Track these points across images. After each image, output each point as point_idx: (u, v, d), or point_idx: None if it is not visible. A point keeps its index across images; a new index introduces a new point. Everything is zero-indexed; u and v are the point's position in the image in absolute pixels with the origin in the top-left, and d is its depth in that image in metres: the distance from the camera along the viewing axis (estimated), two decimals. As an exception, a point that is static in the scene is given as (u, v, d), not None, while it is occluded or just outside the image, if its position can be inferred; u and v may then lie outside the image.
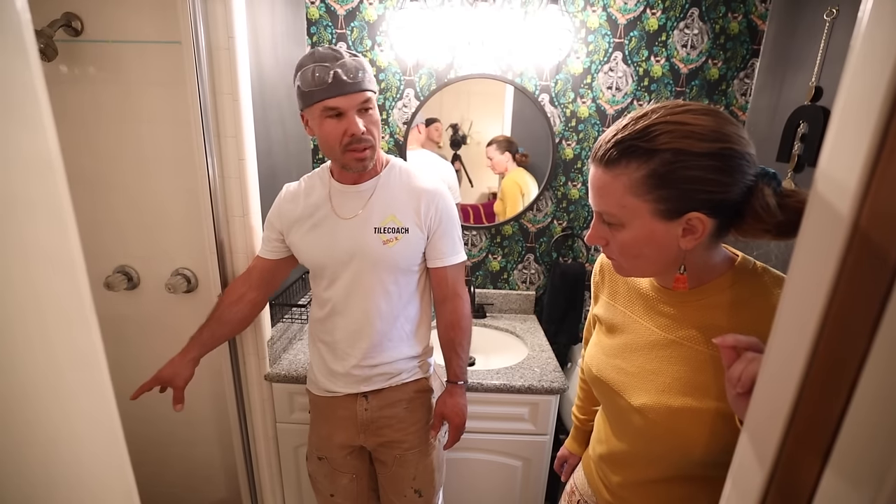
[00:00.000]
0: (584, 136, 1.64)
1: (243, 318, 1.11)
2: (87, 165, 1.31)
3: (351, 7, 1.55)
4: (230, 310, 1.08)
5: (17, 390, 0.23)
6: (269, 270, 1.11)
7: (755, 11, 1.51)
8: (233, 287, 1.11)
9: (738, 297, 0.60)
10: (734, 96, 1.58)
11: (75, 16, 1.21)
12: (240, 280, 1.12)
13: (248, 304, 1.10)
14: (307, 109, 0.92)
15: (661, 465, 0.66)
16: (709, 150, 0.52)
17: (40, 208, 0.24)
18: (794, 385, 0.29)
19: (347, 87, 0.87)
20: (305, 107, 0.92)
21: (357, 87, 0.88)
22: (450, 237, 1.03)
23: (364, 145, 0.92)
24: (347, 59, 0.88)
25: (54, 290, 0.25)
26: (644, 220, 0.57)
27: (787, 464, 0.30)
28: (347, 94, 0.88)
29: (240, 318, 1.10)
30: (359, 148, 0.92)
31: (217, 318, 1.07)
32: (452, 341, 1.07)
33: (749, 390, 0.44)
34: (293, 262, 1.11)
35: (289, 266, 1.12)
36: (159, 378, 1.00)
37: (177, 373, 1.01)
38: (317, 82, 0.87)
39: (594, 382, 0.74)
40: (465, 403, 1.08)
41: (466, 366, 1.10)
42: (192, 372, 1.03)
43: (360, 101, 0.90)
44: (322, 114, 0.90)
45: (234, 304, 1.09)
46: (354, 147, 0.92)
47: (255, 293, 1.11)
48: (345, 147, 0.92)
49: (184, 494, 1.63)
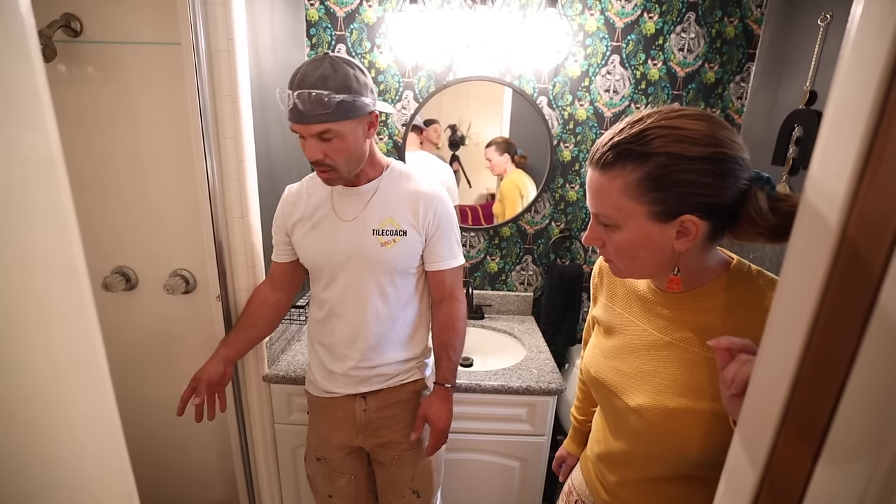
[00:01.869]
0: (581, 138, 1.65)
1: (270, 321, 1.14)
2: (86, 166, 1.30)
3: (350, 9, 1.55)
4: (256, 312, 1.12)
5: (18, 392, 0.24)
6: (287, 273, 1.12)
7: (751, 16, 1.52)
8: (257, 291, 1.15)
9: (733, 299, 0.60)
10: (730, 100, 1.59)
11: (74, 16, 1.21)
12: (263, 284, 1.15)
13: (273, 306, 1.13)
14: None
15: (657, 466, 0.67)
16: (702, 154, 0.53)
17: (42, 209, 0.24)
18: (786, 386, 0.30)
19: (303, 118, 0.87)
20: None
21: (310, 119, 0.87)
22: (447, 241, 1.04)
23: (323, 168, 0.93)
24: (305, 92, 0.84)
25: (55, 292, 0.25)
26: (639, 221, 0.58)
27: (779, 463, 0.31)
28: (303, 123, 0.88)
29: (266, 321, 1.13)
30: (319, 170, 0.94)
31: (244, 321, 1.12)
32: (445, 343, 1.07)
33: (743, 392, 0.44)
34: None
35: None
36: (196, 380, 1.04)
37: (209, 373, 1.04)
38: (283, 103, 0.89)
39: (592, 383, 0.75)
40: (450, 408, 1.05)
41: (456, 369, 1.08)
42: (223, 369, 1.05)
43: (315, 132, 0.88)
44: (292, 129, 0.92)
45: (260, 306, 1.12)
46: (316, 167, 0.93)
47: (280, 294, 1.13)
48: (312, 164, 0.93)
49: (182, 496, 1.62)
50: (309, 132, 0.88)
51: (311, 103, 0.85)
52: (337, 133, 0.89)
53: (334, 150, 0.90)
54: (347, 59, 0.90)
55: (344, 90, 0.86)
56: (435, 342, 1.10)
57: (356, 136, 0.92)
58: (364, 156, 0.96)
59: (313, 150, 0.89)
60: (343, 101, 0.86)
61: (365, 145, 0.95)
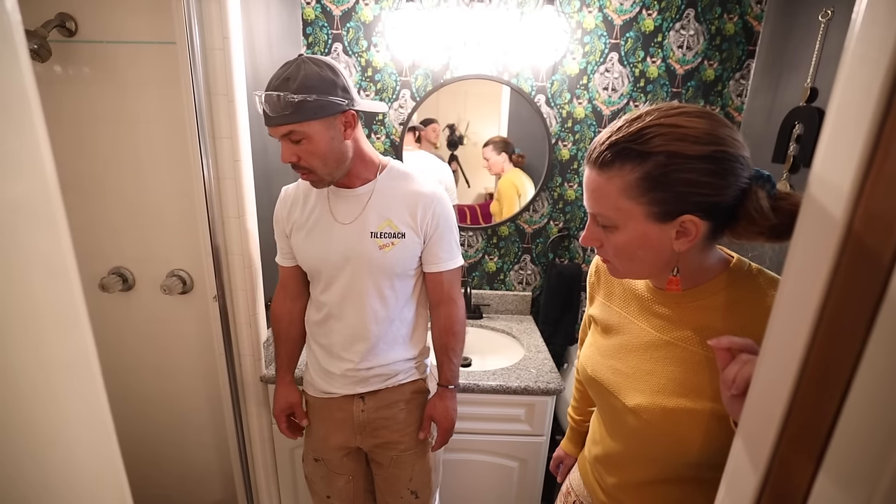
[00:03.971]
0: (580, 136, 1.64)
1: (303, 332, 1.14)
2: (82, 166, 1.30)
3: (347, 8, 1.54)
4: (291, 328, 1.12)
5: (8, 393, 0.23)
6: (298, 276, 1.10)
7: (751, 13, 1.51)
8: (278, 306, 1.13)
9: (733, 298, 0.60)
10: (730, 97, 1.59)
11: (69, 16, 1.20)
12: (279, 297, 1.13)
13: (299, 316, 1.12)
14: None
15: (655, 467, 0.67)
16: (702, 153, 0.52)
17: (31, 210, 0.24)
18: (788, 387, 0.29)
19: (270, 121, 0.87)
20: None
21: (273, 121, 0.87)
22: (446, 242, 1.02)
23: (302, 171, 0.92)
24: (273, 93, 0.84)
25: (46, 293, 0.25)
26: (638, 222, 0.57)
27: (781, 466, 0.30)
28: (269, 126, 0.88)
29: (301, 332, 1.14)
30: (299, 172, 0.93)
31: (286, 338, 1.13)
32: (446, 346, 1.07)
33: (744, 392, 0.44)
34: None
35: None
36: (281, 410, 1.12)
37: (289, 400, 1.12)
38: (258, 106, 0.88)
39: (589, 383, 0.74)
40: (455, 407, 1.09)
41: (458, 370, 1.10)
42: (298, 392, 1.14)
43: (282, 134, 0.88)
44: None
45: (291, 323, 1.12)
46: (295, 170, 0.93)
47: (300, 303, 1.12)
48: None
49: (179, 496, 1.62)
50: (276, 134, 0.89)
51: (273, 105, 0.85)
52: (304, 134, 0.87)
53: (305, 152, 0.89)
54: (319, 59, 0.88)
55: (304, 90, 0.84)
56: (436, 345, 1.09)
57: (328, 138, 0.89)
58: (344, 157, 0.93)
59: (285, 153, 0.90)
60: (304, 101, 0.84)
61: (343, 146, 0.92)
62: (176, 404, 1.50)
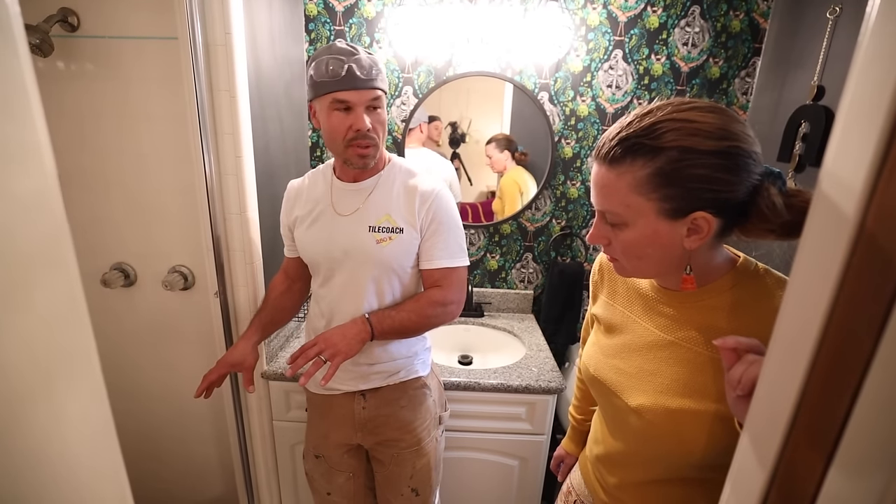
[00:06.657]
0: (583, 134, 1.63)
1: (294, 305, 1.16)
2: (84, 162, 1.30)
3: (349, 3, 1.54)
4: (283, 297, 1.13)
5: (7, 388, 0.23)
6: (301, 266, 1.12)
7: (757, 9, 1.50)
8: (276, 282, 1.15)
9: (739, 298, 0.59)
10: (735, 95, 1.58)
11: (72, 11, 1.20)
12: (279, 277, 1.16)
13: (296, 293, 1.15)
14: (317, 100, 0.92)
15: (657, 467, 0.66)
16: (716, 148, 0.51)
17: (31, 205, 0.24)
18: (796, 388, 0.28)
19: (359, 83, 0.88)
20: (315, 97, 0.92)
21: (369, 83, 0.88)
22: (443, 238, 0.98)
23: (367, 142, 0.92)
24: (363, 56, 0.88)
25: (45, 287, 0.25)
26: (648, 219, 0.56)
27: (789, 468, 0.30)
28: (358, 89, 0.88)
29: (292, 305, 1.15)
30: (362, 144, 0.92)
31: (273, 305, 1.12)
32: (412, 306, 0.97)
33: (749, 393, 0.43)
34: None
35: None
36: (227, 363, 1.01)
37: (245, 356, 1.02)
38: (330, 74, 0.87)
39: (591, 382, 0.74)
40: (354, 334, 0.92)
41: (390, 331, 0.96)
42: (257, 355, 1.05)
43: (370, 98, 0.90)
44: (331, 106, 0.90)
45: (285, 293, 1.14)
46: (358, 143, 0.92)
47: (299, 283, 1.15)
48: (348, 142, 0.92)
49: (180, 492, 1.63)
50: (363, 98, 0.89)
51: (366, 68, 0.88)
52: (383, 103, 0.92)
53: (377, 121, 0.92)
54: None
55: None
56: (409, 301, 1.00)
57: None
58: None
59: (364, 119, 0.90)
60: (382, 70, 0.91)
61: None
62: (177, 400, 1.51)
